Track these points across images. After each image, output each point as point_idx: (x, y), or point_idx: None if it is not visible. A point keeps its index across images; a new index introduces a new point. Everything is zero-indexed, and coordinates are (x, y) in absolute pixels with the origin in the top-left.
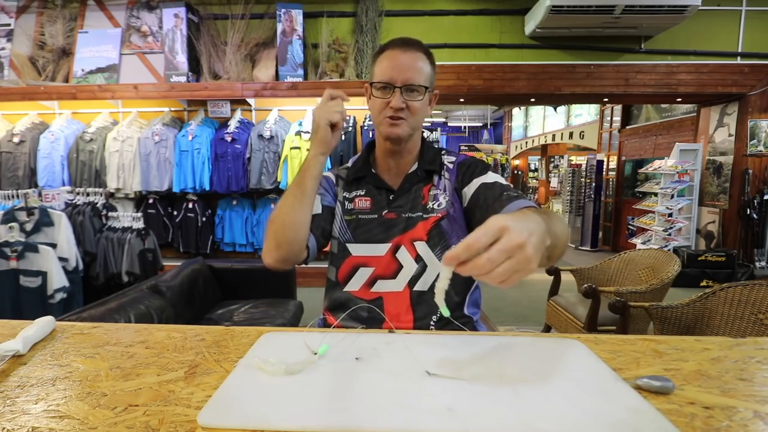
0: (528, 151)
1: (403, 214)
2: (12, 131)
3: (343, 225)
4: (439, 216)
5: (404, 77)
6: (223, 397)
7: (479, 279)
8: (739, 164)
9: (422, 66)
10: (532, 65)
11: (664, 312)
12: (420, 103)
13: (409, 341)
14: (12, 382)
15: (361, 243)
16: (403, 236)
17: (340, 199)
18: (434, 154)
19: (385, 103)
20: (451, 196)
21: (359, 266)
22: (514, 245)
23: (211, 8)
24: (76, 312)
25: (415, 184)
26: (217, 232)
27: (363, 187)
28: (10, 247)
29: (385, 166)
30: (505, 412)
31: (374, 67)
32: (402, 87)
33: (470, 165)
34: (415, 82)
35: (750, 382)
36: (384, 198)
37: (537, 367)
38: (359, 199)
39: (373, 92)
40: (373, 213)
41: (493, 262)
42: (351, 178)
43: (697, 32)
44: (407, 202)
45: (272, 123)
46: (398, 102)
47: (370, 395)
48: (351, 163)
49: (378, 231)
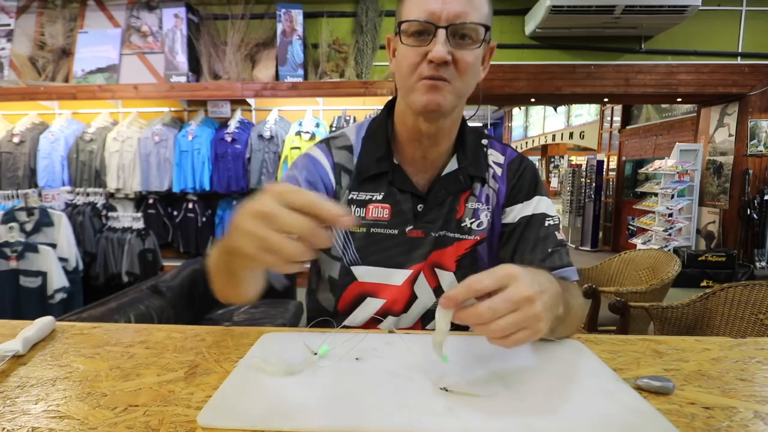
0: (528, 151)
1: (432, 233)
2: (12, 131)
3: (348, 239)
4: (477, 239)
5: (452, 11)
6: (223, 397)
7: (478, 332)
8: (740, 164)
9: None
10: (532, 65)
11: (664, 312)
12: (474, 55)
13: (410, 341)
14: (12, 383)
15: (372, 266)
16: (426, 261)
17: (343, 201)
18: (475, 144)
19: (420, 54)
20: (494, 213)
21: (366, 296)
22: (522, 297)
23: (211, 8)
24: (76, 312)
25: (452, 193)
26: (217, 232)
27: (382, 188)
28: (10, 247)
29: (411, 154)
30: (505, 412)
31: (401, 4)
32: (448, 27)
33: (520, 176)
34: (469, 19)
35: (750, 383)
36: (410, 208)
37: (537, 367)
38: (375, 206)
39: (402, 39)
40: (393, 227)
41: (495, 311)
42: (365, 175)
43: (697, 32)
44: (439, 216)
45: (272, 123)
46: (442, 51)
47: (370, 396)
48: (357, 141)
49: (397, 252)
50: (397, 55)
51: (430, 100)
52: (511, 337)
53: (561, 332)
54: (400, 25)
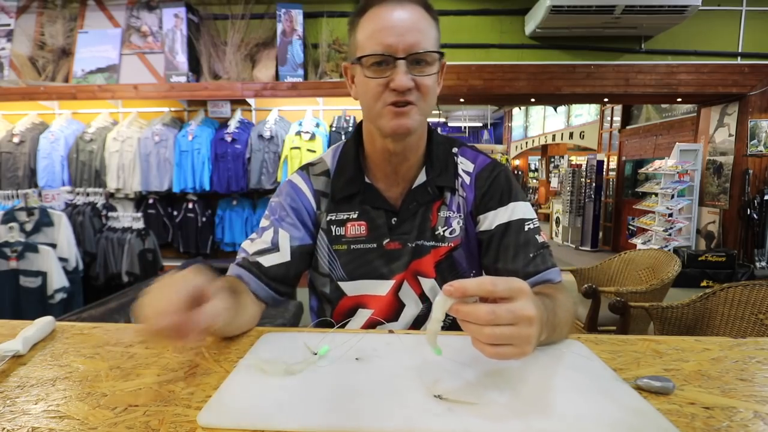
0: (528, 152)
1: (409, 243)
2: (12, 131)
3: (333, 258)
4: (450, 246)
5: (407, 42)
6: (223, 397)
7: (467, 331)
8: (740, 164)
9: (427, 25)
10: (532, 65)
11: (664, 312)
12: (432, 79)
13: (410, 342)
14: (12, 382)
15: (357, 280)
16: (408, 269)
17: (323, 227)
18: (445, 153)
19: (382, 84)
20: (466, 220)
21: (357, 308)
22: (524, 315)
23: (211, 8)
24: (76, 312)
25: (423, 204)
26: (217, 232)
27: (356, 207)
28: (10, 247)
29: (383, 172)
30: (505, 412)
31: (356, 34)
32: (407, 57)
33: (491, 184)
34: (423, 48)
35: (750, 383)
36: (384, 222)
37: (537, 367)
38: (352, 224)
39: (363, 72)
40: (371, 242)
41: (495, 318)
42: (339, 197)
43: (697, 32)
44: (413, 227)
45: (272, 123)
46: (405, 80)
47: (370, 396)
48: (333, 164)
49: (378, 264)
50: (359, 84)
51: (398, 125)
52: (497, 348)
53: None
54: (359, 58)
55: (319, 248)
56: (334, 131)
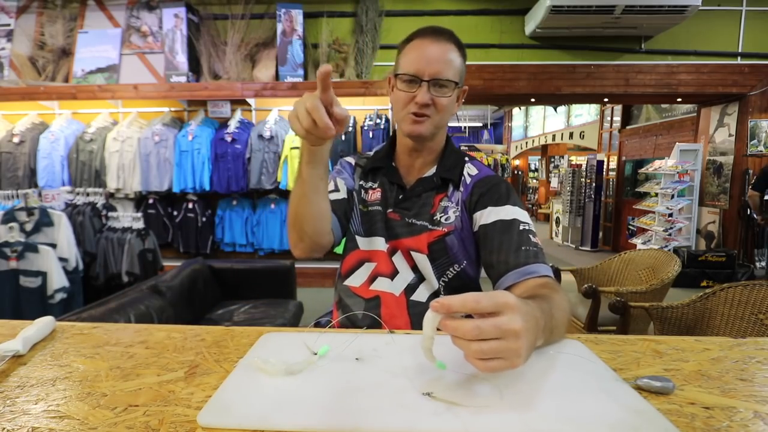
0: (528, 151)
1: (406, 219)
2: (12, 131)
3: (357, 215)
4: (444, 231)
5: (432, 70)
6: (223, 397)
7: (456, 345)
8: (740, 164)
9: (453, 58)
10: (532, 65)
11: (664, 312)
12: (448, 100)
13: (409, 342)
14: (12, 382)
15: (367, 236)
16: (400, 241)
17: (356, 188)
18: (457, 160)
19: (409, 97)
20: (462, 213)
21: (364, 261)
22: (510, 329)
23: (211, 8)
24: (76, 312)
25: (427, 190)
26: (217, 232)
27: (378, 178)
28: (10, 247)
29: (405, 161)
30: (505, 412)
31: (400, 57)
32: (429, 81)
33: (490, 188)
34: (444, 77)
35: (750, 383)
36: (393, 195)
37: (537, 367)
38: (372, 191)
39: (398, 84)
40: (379, 206)
41: (480, 333)
42: (368, 168)
43: (697, 32)
44: (414, 206)
45: (272, 123)
46: (424, 97)
47: (370, 395)
48: (373, 153)
49: (379, 227)
50: (394, 94)
51: (414, 129)
52: (487, 363)
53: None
54: (397, 75)
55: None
56: None
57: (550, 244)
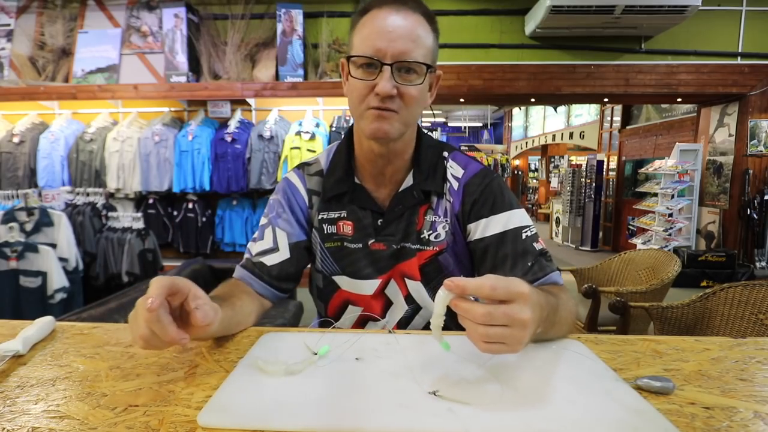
0: (528, 151)
1: (393, 245)
2: (12, 131)
3: (325, 254)
4: (435, 250)
5: (396, 50)
6: (223, 397)
7: (463, 324)
8: (740, 164)
9: (422, 34)
10: (532, 65)
11: (664, 312)
12: (417, 89)
13: (409, 342)
14: (12, 382)
15: (348, 276)
16: (394, 270)
17: (316, 225)
18: (434, 158)
19: (368, 87)
20: (452, 225)
21: (348, 303)
22: (519, 319)
23: (211, 8)
24: (76, 312)
25: (408, 208)
26: (217, 232)
27: (345, 206)
28: (10, 247)
29: (369, 173)
30: (505, 412)
31: (353, 33)
32: (393, 64)
33: (482, 191)
34: (411, 58)
35: (750, 383)
36: (370, 223)
37: (537, 367)
38: (342, 223)
39: (351, 71)
40: (357, 242)
41: (491, 318)
42: (329, 196)
43: (697, 32)
44: (398, 230)
45: (272, 123)
46: (386, 86)
47: (370, 396)
48: (326, 164)
49: (364, 264)
50: (349, 84)
51: (377, 128)
52: (489, 345)
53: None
54: (349, 58)
55: (313, 245)
56: (334, 131)
57: (550, 244)
